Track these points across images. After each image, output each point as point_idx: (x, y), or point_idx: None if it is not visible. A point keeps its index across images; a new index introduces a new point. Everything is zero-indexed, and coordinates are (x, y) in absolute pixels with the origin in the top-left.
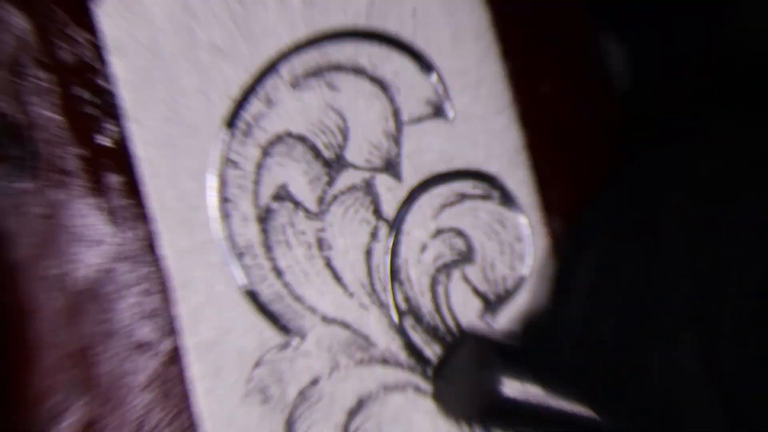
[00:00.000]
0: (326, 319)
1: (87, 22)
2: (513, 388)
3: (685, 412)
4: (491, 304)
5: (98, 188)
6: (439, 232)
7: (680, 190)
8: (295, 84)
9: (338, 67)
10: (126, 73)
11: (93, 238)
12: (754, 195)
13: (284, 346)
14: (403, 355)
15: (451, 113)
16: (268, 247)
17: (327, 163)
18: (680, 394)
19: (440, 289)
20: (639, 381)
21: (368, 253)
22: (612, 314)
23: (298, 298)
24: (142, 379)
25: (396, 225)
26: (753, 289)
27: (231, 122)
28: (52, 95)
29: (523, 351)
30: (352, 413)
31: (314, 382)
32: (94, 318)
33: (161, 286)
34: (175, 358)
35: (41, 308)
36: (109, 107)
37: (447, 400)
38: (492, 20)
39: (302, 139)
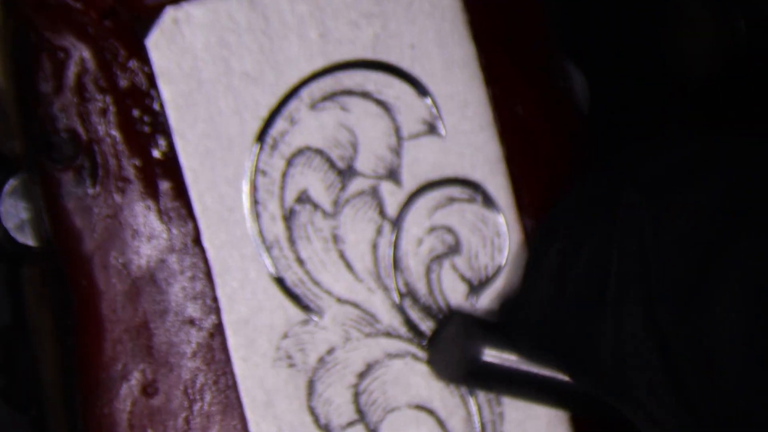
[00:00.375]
0: (340, 300)
1: (139, 53)
2: (492, 356)
3: (634, 373)
4: (475, 288)
5: (152, 192)
6: (432, 229)
7: (631, 187)
8: (314, 106)
9: (349, 92)
10: (172, 96)
11: (148, 233)
12: (692, 190)
13: (306, 322)
14: (403, 329)
15: (443, 130)
16: (292, 242)
17: (340, 173)
18: (629, 358)
19: (433, 276)
20: (595, 348)
21: (374, 247)
22: (572, 293)
23: (317, 283)
24: (190, 349)
25: (397, 223)
26: (688, 270)
27: (260, 138)
28: (112, 115)
29: (500, 325)
30: (362, 375)
31: (331, 351)
32: (150, 299)
33: (204, 273)
34: (216, 332)
35: (107, 291)
36: (159, 125)
37: (439, 366)
38: (477, 53)
39: (320, 152)
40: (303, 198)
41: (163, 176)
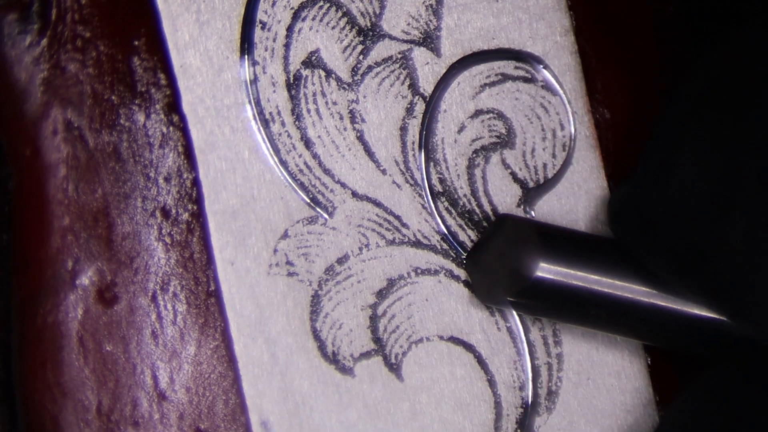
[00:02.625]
0: (356, 195)
1: None
2: (551, 271)
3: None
4: (530, 190)
5: (120, 40)
6: (477, 113)
7: None
8: None
9: None
10: None
11: (112, 93)
12: None
13: (312, 220)
14: (436, 238)
15: None
16: (297, 116)
17: (361, 32)
18: (762, 262)
19: (477, 172)
20: (721, 249)
21: (402, 129)
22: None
23: (327, 171)
24: (161, 246)
25: (433, 101)
26: None
27: None
28: None
29: (565, 232)
30: (381, 294)
31: (342, 259)
32: (111, 177)
33: (183, 148)
34: (196, 224)
35: (56, 165)
36: None
37: (481, 283)
38: None
39: (336, 3)
40: (313, 61)
41: (135, 20)
